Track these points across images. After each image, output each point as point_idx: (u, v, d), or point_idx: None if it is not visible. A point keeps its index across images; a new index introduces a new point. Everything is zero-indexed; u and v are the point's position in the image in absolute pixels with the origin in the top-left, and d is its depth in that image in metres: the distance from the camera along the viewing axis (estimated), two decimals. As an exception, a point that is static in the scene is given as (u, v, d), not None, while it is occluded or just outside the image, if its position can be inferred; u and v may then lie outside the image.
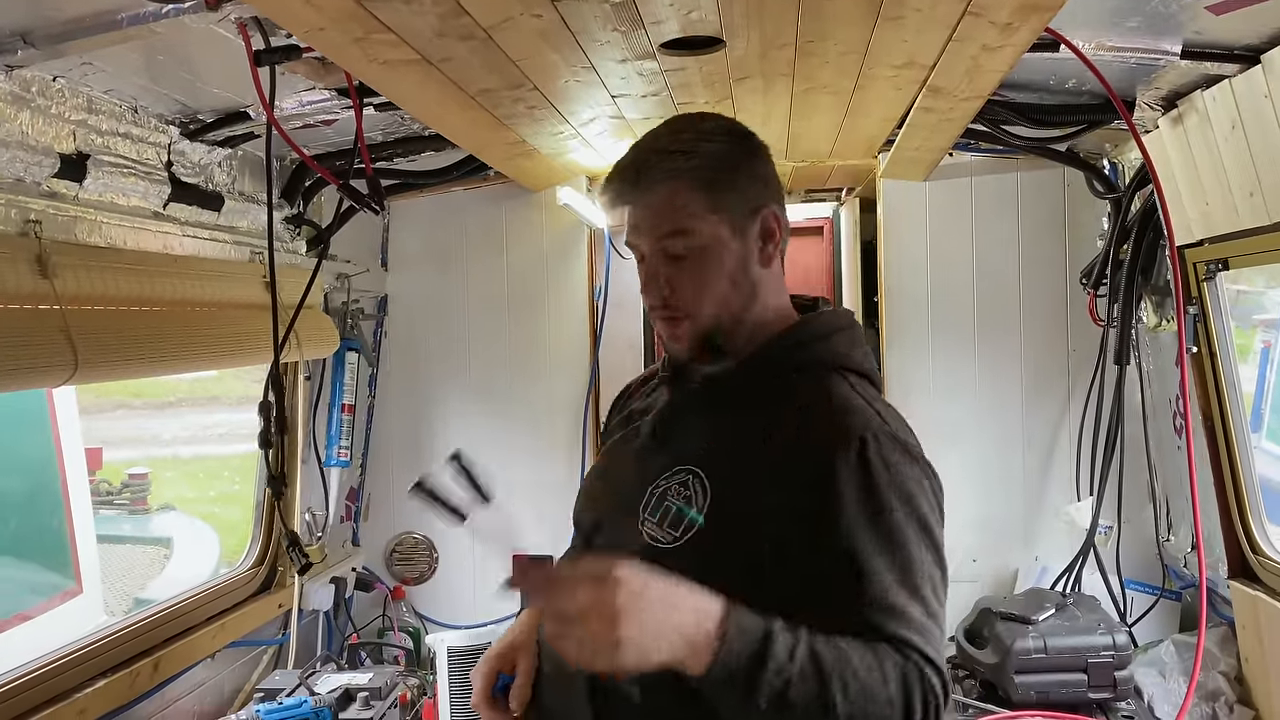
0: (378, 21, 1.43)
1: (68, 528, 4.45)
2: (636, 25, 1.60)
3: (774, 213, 1.31)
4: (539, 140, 2.43)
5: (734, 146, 1.32)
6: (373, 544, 3.23)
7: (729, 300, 1.30)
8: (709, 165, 1.28)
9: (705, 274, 1.29)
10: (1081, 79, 2.19)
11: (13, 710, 1.79)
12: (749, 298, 1.31)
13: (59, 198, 1.78)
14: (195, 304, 2.20)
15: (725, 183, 1.28)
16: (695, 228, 1.28)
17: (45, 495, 4.43)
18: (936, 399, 2.89)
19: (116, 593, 5.79)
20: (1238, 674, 2.36)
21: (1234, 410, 2.35)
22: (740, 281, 1.30)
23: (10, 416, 4.28)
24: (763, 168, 1.34)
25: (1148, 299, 2.64)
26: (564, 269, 3.17)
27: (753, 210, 1.30)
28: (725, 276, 1.29)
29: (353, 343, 2.98)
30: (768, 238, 1.31)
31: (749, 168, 1.31)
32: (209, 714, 2.40)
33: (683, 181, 1.28)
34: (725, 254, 1.29)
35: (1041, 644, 2.36)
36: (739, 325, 1.32)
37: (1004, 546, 2.91)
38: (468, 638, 2.61)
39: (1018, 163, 2.86)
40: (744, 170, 1.31)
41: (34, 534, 4.43)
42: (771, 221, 1.31)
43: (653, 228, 1.29)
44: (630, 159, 1.31)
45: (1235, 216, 2.01)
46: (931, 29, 1.60)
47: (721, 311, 1.30)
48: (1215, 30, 1.77)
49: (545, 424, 3.16)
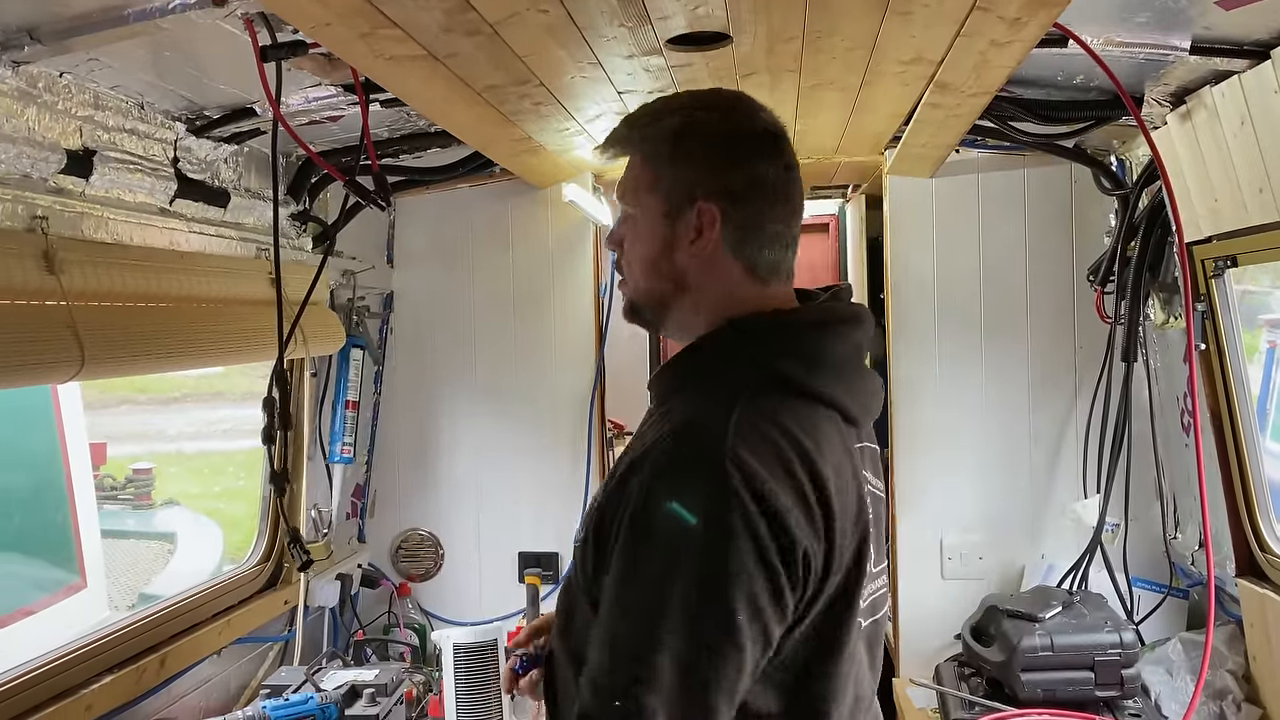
0: (384, 17, 1.43)
1: (72, 523, 4.47)
2: (643, 21, 1.59)
3: (711, 208, 1.24)
4: (545, 137, 2.42)
5: (696, 127, 1.27)
6: (378, 541, 3.23)
7: (649, 281, 1.30)
8: (661, 139, 1.28)
9: (634, 247, 1.31)
10: (1090, 75, 2.18)
11: (20, 706, 1.80)
12: (672, 287, 1.28)
13: (65, 194, 1.78)
14: (201, 300, 2.20)
15: (669, 162, 1.27)
16: (632, 198, 1.30)
17: (50, 490, 4.46)
18: (943, 396, 2.88)
19: (120, 587, 5.81)
20: (1245, 672, 2.35)
21: (1242, 407, 2.34)
22: (662, 268, 1.28)
23: (15, 412, 4.30)
24: (722, 155, 1.25)
25: (1155, 296, 2.64)
26: (569, 266, 3.17)
27: (689, 198, 1.25)
28: (647, 257, 1.29)
29: (358, 339, 2.99)
30: (699, 231, 1.25)
31: (700, 154, 1.26)
32: (215, 710, 2.41)
33: (637, 150, 1.30)
34: (652, 234, 1.28)
35: (1048, 642, 2.35)
36: (664, 309, 1.31)
37: (1010, 544, 2.90)
38: (473, 634, 2.61)
39: (1025, 159, 2.85)
40: (694, 154, 1.26)
41: (38, 529, 4.45)
42: (703, 216, 1.24)
43: (618, 184, 1.34)
44: (628, 116, 1.33)
45: (1244, 213, 2.00)
46: (939, 24, 1.60)
47: (640, 289, 1.32)
48: (1225, 25, 1.76)
49: (550, 421, 3.16)
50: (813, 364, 1.24)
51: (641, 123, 1.30)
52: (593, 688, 1.10)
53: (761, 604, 1.08)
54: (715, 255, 1.26)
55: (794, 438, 1.15)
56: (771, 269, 1.29)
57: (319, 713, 2.21)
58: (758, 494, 1.08)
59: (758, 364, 1.22)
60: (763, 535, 1.07)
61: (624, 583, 1.12)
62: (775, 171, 1.27)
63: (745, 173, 1.25)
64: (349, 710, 2.29)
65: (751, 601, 1.07)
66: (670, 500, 1.09)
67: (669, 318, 1.32)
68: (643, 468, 1.14)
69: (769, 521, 1.08)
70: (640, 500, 1.11)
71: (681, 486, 1.10)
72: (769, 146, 1.28)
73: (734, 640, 1.07)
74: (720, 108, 1.30)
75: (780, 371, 1.21)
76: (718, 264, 1.26)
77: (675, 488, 1.10)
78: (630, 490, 1.13)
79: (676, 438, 1.16)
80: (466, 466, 3.18)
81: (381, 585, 3.16)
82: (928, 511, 2.91)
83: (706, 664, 1.06)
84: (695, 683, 1.05)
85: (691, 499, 1.08)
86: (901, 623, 2.92)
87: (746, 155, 1.26)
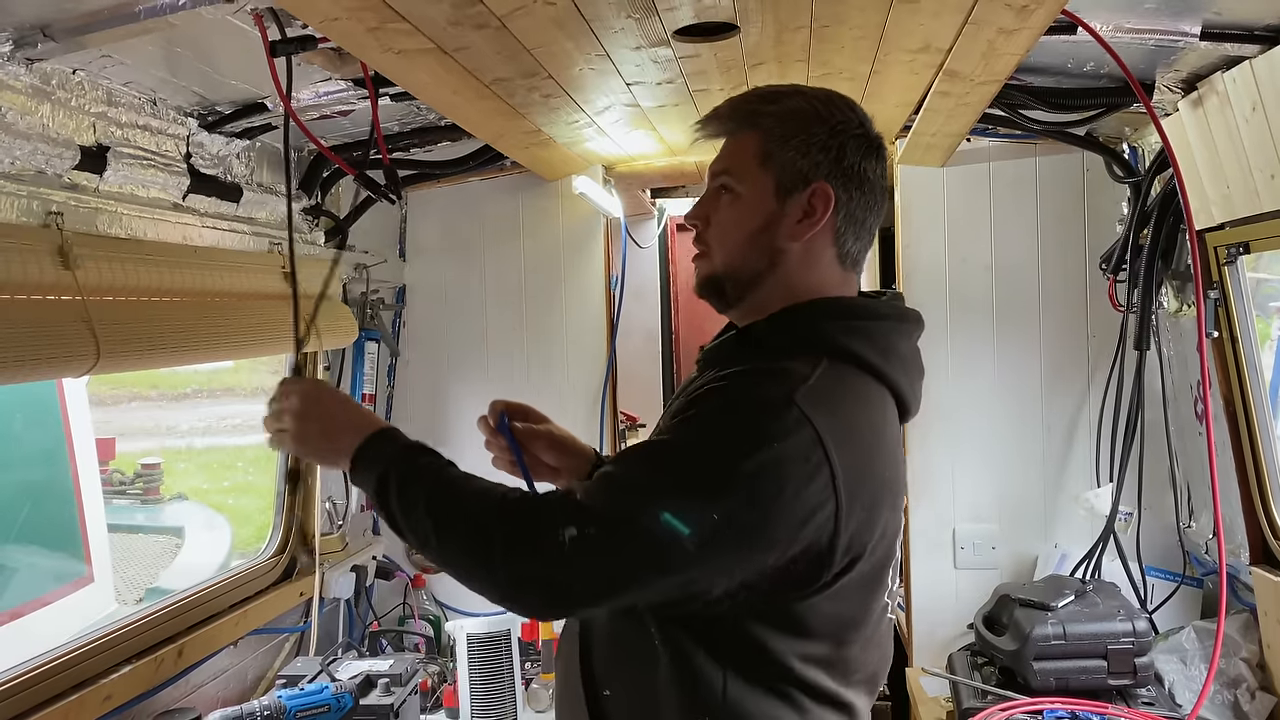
0: (392, 11, 1.44)
1: (79, 517, 4.50)
2: (650, 12, 1.60)
3: (825, 191, 1.27)
4: (555, 129, 2.43)
5: (816, 113, 1.30)
6: (393, 533, 3.24)
7: (743, 255, 1.31)
8: (781, 119, 1.30)
9: (732, 220, 1.32)
10: (1100, 62, 2.17)
11: (40, 695, 1.82)
12: (766, 264, 1.30)
13: (80, 189, 1.80)
14: (215, 294, 2.22)
15: (786, 142, 1.29)
16: (739, 173, 1.31)
17: (56, 485, 4.48)
18: (956, 385, 2.88)
19: (128, 581, 5.85)
20: (1259, 660, 2.34)
21: (1255, 395, 2.33)
22: (760, 243, 1.30)
23: (21, 407, 4.33)
24: (840, 144, 1.29)
25: (1168, 284, 2.62)
26: (580, 259, 3.18)
27: (803, 180, 1.28)
28: (745, 231, 1.31)
29: (372, 333, 3.01)
30: (807, 213, 1.28)
31: (822, 139, 1.28)
32: (232, 700, 2.43)
33: (752, 128, 1.31)
34: (755, 210, 1.30)
35: (1061, 630, 2.34)
36: (749, 287, 1.32)
37: (1024, 533, 2.90)
38: (487, 625, 2.63)
39: (1036, 147, 2.84)
40: (814, 139, 1.28)
41: (45, 524, 4.48)
42: (817, 199, 1.28)
43: (715, 161, 1.35)
44: (733, 97, 1.35)
45: (1256, 199, 1.99)
46: (947, 12, 1.60)
47: (732, 263, 1.32)
48: (1235, 10, 1.75)
49: (562, 413, 3.11)
50: (886, 352, 1.30)
51: (752, 102, 1.33)
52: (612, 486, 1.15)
53: (778, 523, 1.12)
54: (816, 238, 1.30)
55: (864, 413, 1.23)
56: (855, 262, 1.35)
57: (334, 702, 2.23)
58: (820, 447, 1.13)
59: (837, 340, 1.26)
60: (805, 477, 1.12)
61: (691, 430, 1.17)
62: (879, 170, 1.33)
63: (859, 166, 1.30)
64: (364, 700, 2.31)
65: (771, 515, 1.11)
66: (739, 404, 1.17)
67: (749, 295, 1.33)
68: (717, 383, 1.20)
69: (817, 470, 1.13)
70: (710, 398, 1.19)
71: (752, 402, 1.16)
72: (877, 148, 1.33)
73: (766, 534, 1.12)
74: (839, 104, 1.33)
75: (857, 352, 1.26)
76: (814, 247, 1.30)
77: (746, 398, 1.17)
78: (696, 397, 1.20)
79: (757, 371, 1.21)
80: (480, 458, 3.18)
81: (396, 577, 3.18)
82: (940, 501, 2.90)
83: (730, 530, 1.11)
84: (713, 541, 1.10)
85: (758, 414, 1.15)
86: (915, 612, 2.92)
87: (861, 151, 1.31)
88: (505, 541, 1.14)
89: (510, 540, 1.14)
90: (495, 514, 1.16)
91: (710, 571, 1.13)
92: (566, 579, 1.13)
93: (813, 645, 1.22)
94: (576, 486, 1.18)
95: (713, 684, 1.19)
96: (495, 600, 1.17)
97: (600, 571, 1.13)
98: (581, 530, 1.10)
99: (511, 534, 1.14)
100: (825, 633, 1.22)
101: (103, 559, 4.64)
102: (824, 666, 1.23)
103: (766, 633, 1.19)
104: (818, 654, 1.22)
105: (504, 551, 1.13)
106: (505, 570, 1.14)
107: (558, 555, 1.11)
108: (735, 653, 1.20)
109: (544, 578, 1.14)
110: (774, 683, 1.21)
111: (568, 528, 1.10)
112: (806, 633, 1.21)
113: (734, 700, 1.20)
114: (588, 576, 1.13)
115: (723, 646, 1.19)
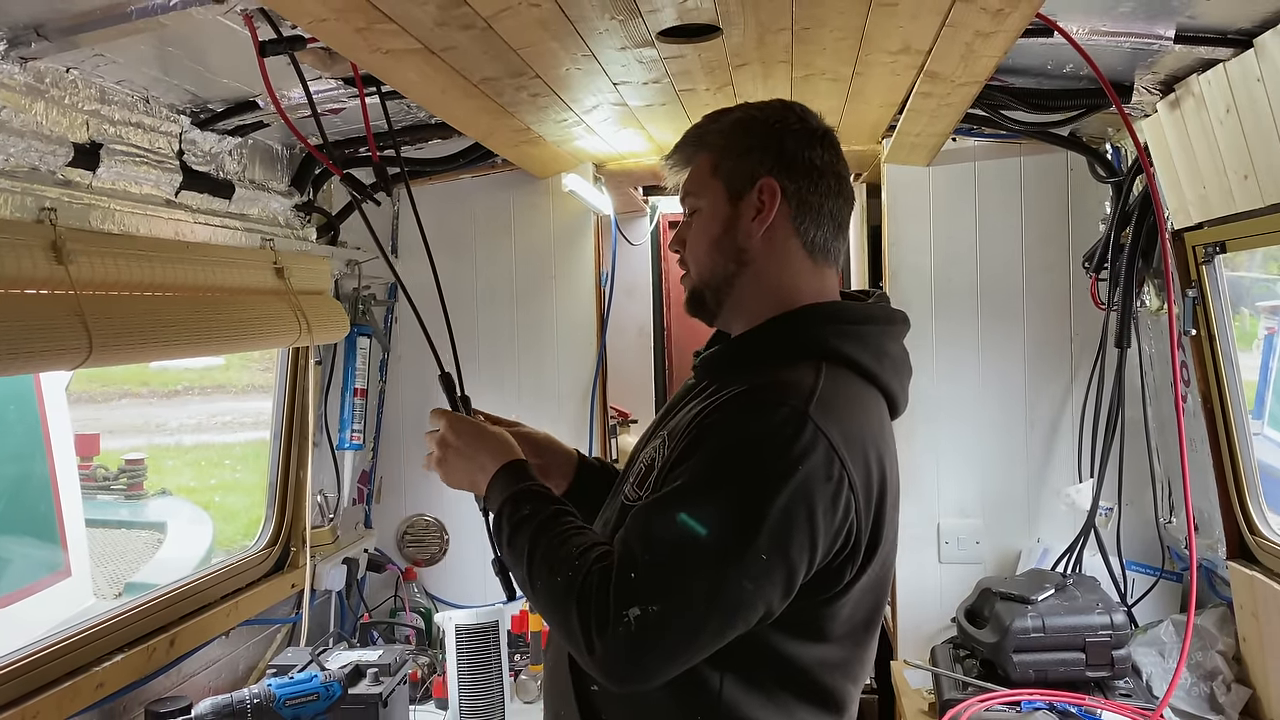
0: (379, 12, 1.47)
1: (56, 512, 4.51)
2: (633, 13, 1.62)
3: (770, 185, 1.33)
4: (544, 128, 2.46)
5: (754, 118, 1.37)
6: (385, 526, 3.28)
7: (711, 262, 1.38)
8: (724, 133, 1.38)
9: (699, 234, 1.39)
10: (1079, 64, 2.19)
11: (34, 682, 1.85)
12: (735, 265, 1.36)
13: (73, 186, 1.83)
14: (207, 289, 2.24)
15: (731, 151, 1.36)
16: (698, 191, 1.39)
17: (33, 480, 4.49)
18: (940, 382, 2.91)
19: (107, 576, 5.86)
20: (1236, 653, 2.38)
21: (1233, 392, 2.37)
22: (724, 247, 1.36)
23: (-2, 403, 4.34)
24: (778, 138, 1.34)
25: (1149, 282, 2.65)
26: (571, 255, 3.20)
27: (750, 179, 1.34)
28: (710, 239, 1.37)
29: (364, 328, 3.03)
30: (759, 209, 1.34)
31: (760, 138, 1.35)
32: (223, 689, 2.45)
33: (704, 149, 1.39)
34: (714, 218, 1.37)
35: (1040, 623, 2.38)
36: (724, 290, 1.37)
37: (1006, 528, 2.93)
38: (475, 616, 2.66)
39: (1021, 147, 2.87)
40: (753, 139, 1.35)
41: (22, 518, 4.49)
42: (765, 193, 1.33)
43: (681, 190, 1.42)
44: (686, 130, 1.43)
45: (1231, 200, 2.02)
46: (925, 14, 1.62)
47: (703, 273, 1.39)
48: (1209, 14, 1.78)
49: (552, 410, 3.20)
50: (879, 355, 1.34)
51: (701, 126, 1.41)
52: (662, 551, 1.16)
53: (816, 543, 1.16)
54: (775, 230, 1.34)
55: (865, 418, 1.27)
56: (825, 250, 1.38)
57: (323, 690, 2.25)
58: (838, 459, 1.17)
59: (831, 345, 1.30)
60: (831, 494, 1.17)
61: (716, 472, 1.19)
62: (827, 158, 1.38)
63: (802, 156, 1.36)
64: (353, 689, 2.33)
65: (810, 537, 1.16)
66: (757, 434, 1.18)
67: (727, 299, 1.38)
68: (726, 408, 1.23)
69: (840, 484, 1.17)
70: (726, 428, 1.21)
71: (768, 428, 1.18)
72: (821, 138, 1.39)
73: (808, 555, 1.16)
74: (774, 107, 1.40)
75: (852, 356, 1.30)
76: (777, 239, 1.35)
77: (761, 425, 1.19)
78: (711, 425, 1.23)
79: (762, 390, 1.23)
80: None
81: (388, 570, 3.21)
82: (925, 497, 2.94)
83: (757, 574, 1.14)
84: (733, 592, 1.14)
85: (778, 441, 1.17)
86: (899, 607, 2.96)
87: (802, 142, 1.37)
88: (582, 626, 1.15)
89: (585, 626, 1.15)
90: (575, 597, 1.17)
91: (769, 600, 1.16)
92: (637, 656, 1.14)
93: (832, 650, 1.25)
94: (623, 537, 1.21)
95: (709, 684, 1.22)
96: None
97: (676, 646, 1.15)
98: (645, 610, 1.12)
99: (585, 617, 1.15)
100: (844, 636, 1.26)
101: (80, 553, 4.64)
102: (842, 671, 1.27)
103: (785, 640, 1.22)
104: (836, 658, 1.26)
105: (582, 636, 1.15)
106: (583, 650, 1.16)
107: (625, 636, 1.12)
108: (740, 657, 1.21)
109: (617, 656, 1.14)
110: (776, 687, 1.24)
111: (631, 608, 1.12)
112: (826, 638, 1.24)
113: (729, 702, 1.22)
114: (664, 652, 1.14)
115: (726, 650, 1.19)
